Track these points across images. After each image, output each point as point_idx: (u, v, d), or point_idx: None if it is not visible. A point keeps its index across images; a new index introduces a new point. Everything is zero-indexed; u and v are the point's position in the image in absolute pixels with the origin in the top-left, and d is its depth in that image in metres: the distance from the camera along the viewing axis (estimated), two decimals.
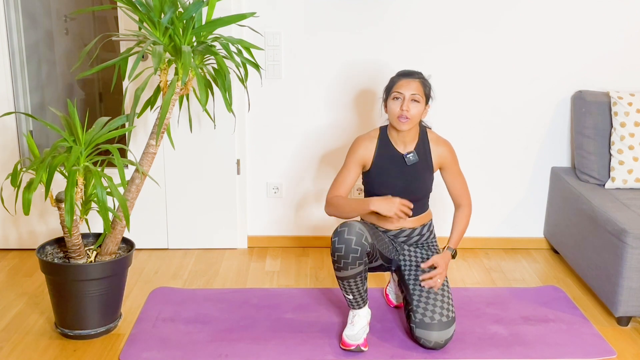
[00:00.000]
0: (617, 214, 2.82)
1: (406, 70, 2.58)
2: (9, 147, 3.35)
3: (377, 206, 2.45)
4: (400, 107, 2.49)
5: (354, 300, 2.53)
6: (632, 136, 3.16)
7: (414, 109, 2.49)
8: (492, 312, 2.88)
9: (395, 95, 2.51)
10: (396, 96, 2.51)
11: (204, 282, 3.16)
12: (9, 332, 2.67)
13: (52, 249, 2.69)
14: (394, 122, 2.54)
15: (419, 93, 2.50)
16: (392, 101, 2.53)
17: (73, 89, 4.21)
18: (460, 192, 2.71)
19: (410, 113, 2.49)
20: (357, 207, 2.52)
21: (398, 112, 2.50)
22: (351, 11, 3.29)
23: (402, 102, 2.49)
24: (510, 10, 3.30)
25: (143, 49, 2.42)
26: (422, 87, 2.52)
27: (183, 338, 2.63)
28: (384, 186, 2.61)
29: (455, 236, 2.72)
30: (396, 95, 2.51)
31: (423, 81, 2.54)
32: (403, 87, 2.50)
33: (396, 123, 2.53)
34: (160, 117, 2.54)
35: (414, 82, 2.51)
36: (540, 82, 3.41)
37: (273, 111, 3.43)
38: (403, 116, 2.49)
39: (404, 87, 2.50)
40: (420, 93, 2.51)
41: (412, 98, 2.49)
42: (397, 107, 2.51)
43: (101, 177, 2.42)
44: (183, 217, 3.49)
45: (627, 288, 2.70)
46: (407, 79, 2.52)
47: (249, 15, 2.59)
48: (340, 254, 2.41)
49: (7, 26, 3.22)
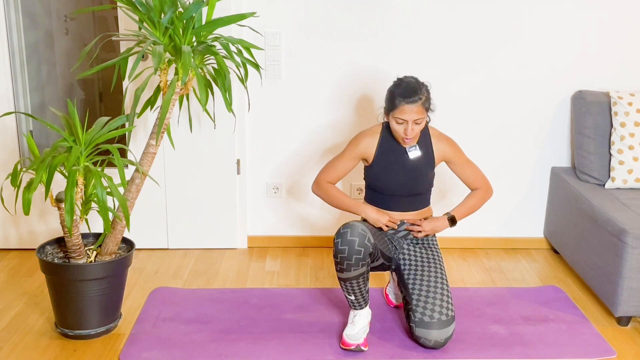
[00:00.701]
0: (617, 214, 2.82)
1: (408, 91, 2.50)
2: (9, 147, 3.35)
3: (368, 215, 2.63)
4: (405, 132, 2.54)
5: (355, 301, 2.54)
6: (632, 136, 3.16)
7: (417, 129, 2.55)
8: (492, 312, 2.88)
9: (397, 120, 2.54)
10: (399, 122, 2.54)
11: (204, 282, 3.16)
12: (9, 332, 2.67)
13: (52, 249, 2.69)
14: (398, 139, 2.60)
15: (422, 115, 2.52)
16: (396, 124, 2.55)
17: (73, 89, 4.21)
18: (473, 178, 2.74)
19: (414, 133, 2.55)
20: (348, 206, 2.66)
21: (402, 135, 2.55)
22: (351, 11, 3.29)
23: (406, 128, 2.53)
24: (511, 10, 3.30)
25: (143, 49, 2.42)
26: (423, 109, 2.53)
27: (183, 338, 2.63)
28: (386, 180, 2.63)
29: (460, 207, 2.73)
30: (399, 120, 2.54)
31: (424, 100, 2.53)
32: (406, 113, 2.50)
33: (401, 142, 2.60)
34: (160, 117, 2.54)
35: (415, 107, 2.50)
36: (540, 82, 3.41)
37: (273, 111, 3.43)
38: (407, 138, 2.55)
39: (407, 114, 2.50)
40: (423, 115, 2.53)
41: (415, 122, 2.52)
42: (401, 131, 2.55)
43: (101, 177, 2.42)
44: (183, 217, 3.49)
45: (627, 288, 2.70)
46: (409, 105, 2.49)
47: (249, 15, 2.59)
48: (344, 255, 2.41)
49: (7, 26, 3.22)
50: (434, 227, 2.69)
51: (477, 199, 2.74)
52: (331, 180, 2.70)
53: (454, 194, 3.50)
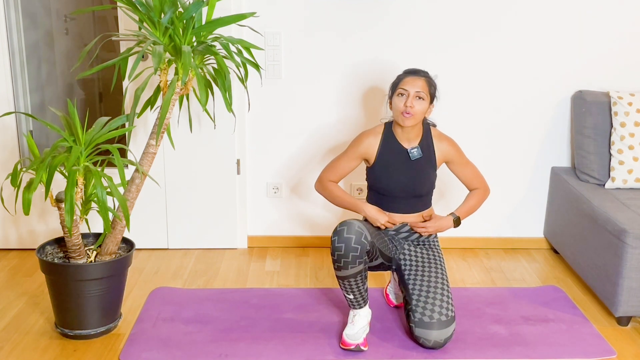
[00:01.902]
0: (617, 214, 2.82)
1: (413, 68, 2.62)
2: (9, 147, 3.35)
3: (368, 213, 2.63)
4: (404, 104, 2.53)
5: (354, 300, 2.54)
6: (632, 136, 3.16)
7: (417, 105, 2.53)
8: (492, 312, 2.88)
9: (400, 91, 2.56)
10: (401, 92, 2.55)
11: (204, 282, 3.16)
12: (9, 332, 2.67)
13: (52, 249, 2.69)
14: (398, 117, 2.58)
15: (424, 91, 2.54)
16: (397, 97, 2.57)
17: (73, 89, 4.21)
18: (473, 178, 2.75)
19: (414, 110, 2.53)
20: (349, 205, 2.67)
21: (402, 108, 2.54)
22: (351, 11, 3.29)
23: (407, 99, 2.53)
24: (511, 10, 3.30)
25: (143, 49, 2.42)
26: (427, 86, 2.56)
27: (183, 338, 2.63)
28: (388, 181, 2.63)
29: (463, 207, 2.74)
30: (401, 91, 2.55)
31: (429, 80, 2.58)
32: (408, 84, 2.54)
33: (400, 119, 2.57)
34: (160, 117, 2.54)
35: (419, 80, 2.55)
36: (540, 82, 3.41)
37: (273, 111, 3.43)
38: (407, 112, 2.53)
39: (409, 84, 2.54)
40: (425, 91, 2.54)
41: (416, 95, 2.53)
42: (401, 103, 2.54)
43: (101, 177, 2.42)
44: (183, 217, 3.49)
45: (627, 288, 2.70)
46: (413, 76, 2.56)
47: (249, 15, 2.59)
48: (340, 252, 2.41)
49: (7, 26, 3.22)
50: (439, 227, 2.67)
51: (477, 199, 2.75)
52: (334, 179, 2.71)
53: (452, 194, 3.50)
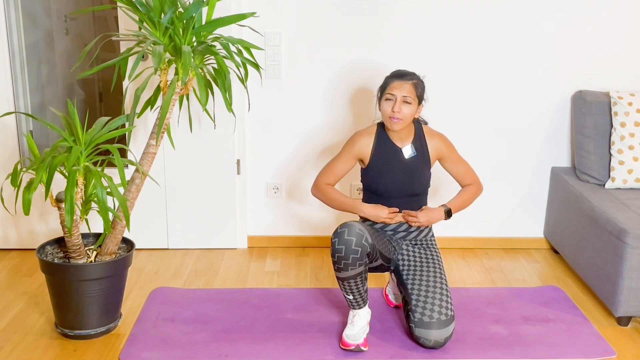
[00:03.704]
0: (617, 214, 2.82)
1: (400, 71, 2.61)
2: (9, 147, 3.35)
3: (367, 213, 2.62)
4: (392, 109, 2.54)
5: (354, 301, 2.54)
6: (632, 136, 3.16)
7: (405, 109, 2.55)
8: (492, 312, 2.88)
9: (387, 96, 2.57)
10: (388, 97, 2.57)
11: (204, 282, 3.16)
12: (9, 332, 2.67)
13: (52, 249, 2.69)
14: (386, 122, 2.60)
15: (411, 95, 2.54)
16: (385, 102, 2.59)
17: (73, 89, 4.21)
18: (466, 174, 2.75)
19: (402, 114, 2.54)
20: (347, 206, 2.66)
21: (390, 113, 2.56)
22: (351, 11, 3.29)
23: (394, 104, 2.54)
24: (510, 9, 3.30)
25: (143, 49, 2.42)
26: (414, 89, 2.56)
27: (183, 338, 2.63)
28: (383, 181, 2.63)
29: (455, 200, 2.73)
30: (388, 96, 2.57)
31: (415, 83, 2.58)
32: (395, 89, 2.55)
33: (388, 123, 2.59)
34: (160, 117, 2.54)
35: (406, 84, 2.55)
36: (540, 82, 3.41)
37: (273, 111, 3.43)
38: (394, 117, 2.54)
39: (396, 89, 2.55)
40: (412, 95, 2.55)
41: (403, 100, 2.54)
42: (389, 108, 2.56)
43: (101, 177, 2.42)
44: (183, 217, 3.49)
45: (627, 288, 2.70)
46: (399, 81, 2.56)
47: (249, 15, 2.59)
48: (341, 254, 2.41)
49: (7, 26, 3.22)
50: (430, 218, 2.66)
51: (470, 194, 2.75)
52: (330, 182, 2.71)
53: (445, 190, 3.50)
